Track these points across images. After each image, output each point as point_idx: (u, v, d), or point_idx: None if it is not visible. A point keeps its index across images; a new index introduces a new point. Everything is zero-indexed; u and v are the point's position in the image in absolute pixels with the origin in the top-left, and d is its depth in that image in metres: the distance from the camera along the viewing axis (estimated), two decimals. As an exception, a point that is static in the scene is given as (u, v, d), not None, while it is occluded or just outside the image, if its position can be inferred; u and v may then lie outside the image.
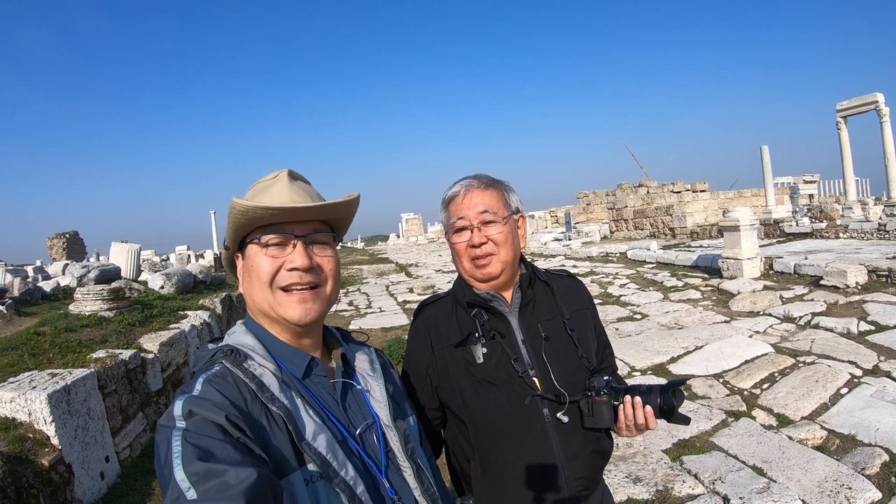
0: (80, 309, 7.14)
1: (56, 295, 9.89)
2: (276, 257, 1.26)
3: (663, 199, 27.17)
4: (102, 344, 5.83)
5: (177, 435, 1.00)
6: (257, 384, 1.17)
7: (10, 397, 4.08)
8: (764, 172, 22.54)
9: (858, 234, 15.77)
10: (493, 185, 1.81)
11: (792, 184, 31.21)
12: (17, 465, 3.70)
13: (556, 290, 1.89)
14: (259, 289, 1.26)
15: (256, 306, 1.29)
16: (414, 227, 58.11)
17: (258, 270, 1.26)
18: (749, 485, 3.99)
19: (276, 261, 1.25)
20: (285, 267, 1.25)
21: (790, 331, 7.70)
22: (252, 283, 1.28)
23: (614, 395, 1.68)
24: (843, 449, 4.50)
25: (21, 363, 5.04)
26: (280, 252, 1.26)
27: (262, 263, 1.26)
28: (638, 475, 4.24)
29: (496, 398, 1.71)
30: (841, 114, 20.59)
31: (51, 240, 35.78)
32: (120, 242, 11.87)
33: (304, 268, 1.25)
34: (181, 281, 10.44)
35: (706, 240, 20.85)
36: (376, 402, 1.35)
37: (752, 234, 11.64)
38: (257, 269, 1.26)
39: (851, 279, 9.36)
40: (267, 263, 1.25)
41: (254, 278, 1.27)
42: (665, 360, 6.97)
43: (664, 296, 10.99)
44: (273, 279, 1.25)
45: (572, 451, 1.70)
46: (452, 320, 1.83)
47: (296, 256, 1.25)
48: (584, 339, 1.84)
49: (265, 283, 1.25)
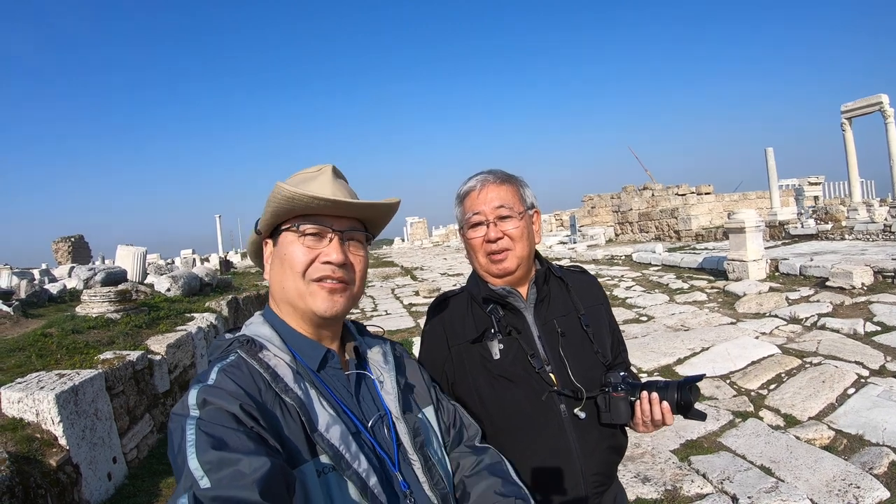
0: (87, 311, 7.16)
1: (62, 297, 9.93)
2: (312, 248, 1.26)
3: (668, 201, 27.10)
4: (110, 345, 5.84)
5: (191, 423, 1.00)
6: (271, 374, 1.17)
7: (18, 397, 4.08)
8: (769, 174, 22.51)
9: (864, 235, 15.72)
10: (508, 180, 1.80)
11: (797, 186, 31.13)
12: (25, 465, 3.70)
13: (571, 285, 1.88)
14: (290, 277, 1.26)
15: (284, 294, 1.28)
16: (419, 231, 58.08)
17: (291, 259, 1.25)
18: (757, 484, 3.98)
19: (311, 251, 1.25)
20: (320, 259, 1.25)
21: (796, 332, 7.69)
22: (284, 271, 1.27)
23: (631, 390, 1.68)
24: (851, 449, 4.51)
25: (29, 364, 5.05)
26: (316, 243, 1.26)
27: (296, 252, 1.25)
28: (646, 475, 4.24)
29: (513, 394, 1.70)
30: (846, 115, 20.55)
31: (56, 243, 35.83)
32: (126, 245, 11.89)
33: (339, 262, 1.26)
34: (187, 283, 10.44)
35: (711, 242, 20.76)
36: (387, 394, 1.34)
37: (757, 236, 11.62)
38: (291, 257, 1.25)
39: (857, 280, 9.34)
40: (302, 253, 1.25)
41: (286, 266, 1.27)
42: (671, 362, 6.97)
43: (670, 298, 10.99)
44: (306, 270, 1.25)
45: (589, 447, 1.70)
46: (468, 316, 1.81)
47: (331, 250, 1.25)
48: (599, 335, 1.83)
49: (298, 273, 1.25)
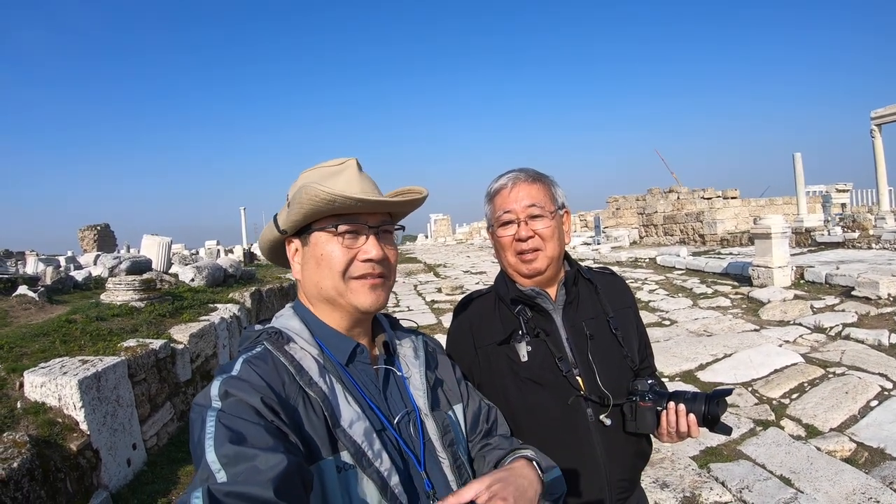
0: (112, 298, 7.25)
1: (87, 284, 10.05)
2: (350, 247, 1.26)
3: (694, 205, 26.84)
4: (133, 333, 5.91)
5: (211, 415, 1.01)
6: (296, 367, 1.17)
7: (41, 381, 4.15)
8: (796, 180, 22.17)
9: (891, 245, 15.43)
10: (539, 179, 1.79)
11: (824, 192, 30.67)
12: (46, 448, 3.76)
13: (600, 287, 1.86)
14: (329, 276, 1.27)
15: (322, 293, 1.29)
16: (442, 228, 58.06)
17: (330, 259, 1.26)
18: (776, 494, 3.93)
19: (349, 251, 1.26)
20: (359, 258, 1.26)
21: (820, 341, 7.58)
22: (321, 271, 1.28)
23: (658, 400, 1.65)
24: (872, 462, 4.43)
25: (52, 349, 5.13)
26: (353, 242, 1.27)
27: (335, 252, 1.26)
28: (665, 481, 4.20)
29: (540, 398, 1.68)
30: (875, 121, 20.21)
31: (82, 231, 36.32)
32: (151, 235, 12.02)
33: (378, 259, 1.27)
34: (211, 274, 10.51)
35: (736, 247, 20.53)
36: (416, 390, 1.34)
37: (783, 243, 11.46)
38: (329, 257, 1.26)
39: (884, 290, 9.15)
40: (341, 253, 1.26)
41: (324, 266, 1.27)
42: (693, 367, 6.92)
43: (693, 302, 10.89)
44: (346, 269, 1.26)
45: (614, 452, 1.68)
46: (495, 317, 1.79)
47: (370, 247, 1.26)
48: (627, 339, 1.81)
49: (338, 272, 1.26)
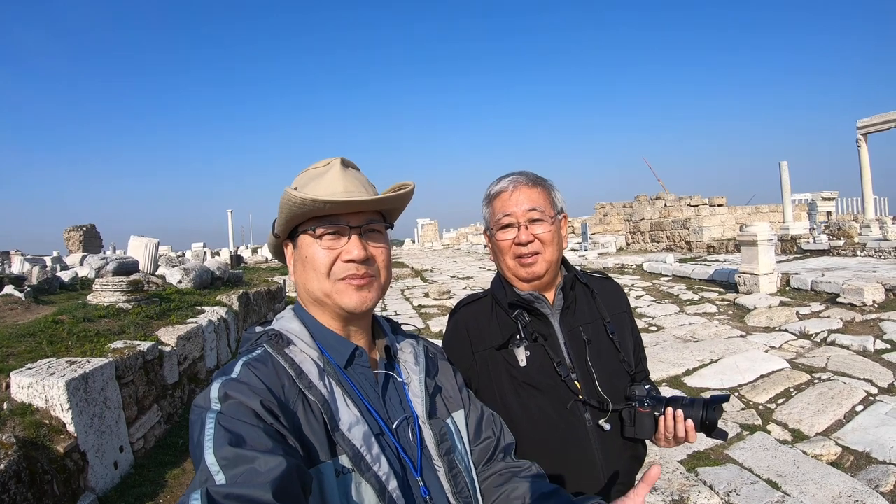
0: (99, 300, 7.18)
1: (74, 285, 9.97)
2: (332, 248, 1.25)
3: (680, 212, 27.04)
4: (120, 335, 5.86)
5: (210, 417, 1.00)
6: (296, 370, 1.17)
7: (28, 383, 4.10)
8: (782, 188, 22.40)
9: (876, 252, 15.62)
10: (539, 183, 1.78)
11: (810, 200, 30.99)
12: (33, 450, 3.72)
13: (596, 292, 1.86)
14: (315, 279, 1.26)
15: (311, 295, 1.29)
16: (429, 233, 58.08)
17: (314, 261, 1.26)
18: (764, 498, 3.97)
19: (331, 252, 1.25)
20: (342, 258, 1.25)
21: (806, 347, 7.66)
22: (307, 273, 1.27)
23: (656, 405, 1.66)
24: (858, 466, 4.48)
25: (39, 350, 5.07)
26: (335, 243, 1.26)
27: (317, 254, 1.26)
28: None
29: (539, 402, 1.68)
30: (861, 131, 20.40)
31: (68, 232, 35.96)
32: (138, 236, 11.93)
33: (361, 259, 1.25)
34: (199, 276, 10.45)
35: (723, 254, 20.70)
36: (414, 396, 1.32)
37: (769, 250, 11.58)
38: (313, 259, 1.26)
39: (868, 297, 9.29)
40: (323, 255, 1.25)
41: (309, 268, 1.27)
42: (680, 373, 6.96)
43: (680, 309, 10.97)
44: (330, 270, 1.25)
45: (612, 457, 1.69)
46: (492, 322, 1.79)
47: (352, 248, 1.25)
48: (624, 343, 1.82)
49: (322, 274, 1.25)
